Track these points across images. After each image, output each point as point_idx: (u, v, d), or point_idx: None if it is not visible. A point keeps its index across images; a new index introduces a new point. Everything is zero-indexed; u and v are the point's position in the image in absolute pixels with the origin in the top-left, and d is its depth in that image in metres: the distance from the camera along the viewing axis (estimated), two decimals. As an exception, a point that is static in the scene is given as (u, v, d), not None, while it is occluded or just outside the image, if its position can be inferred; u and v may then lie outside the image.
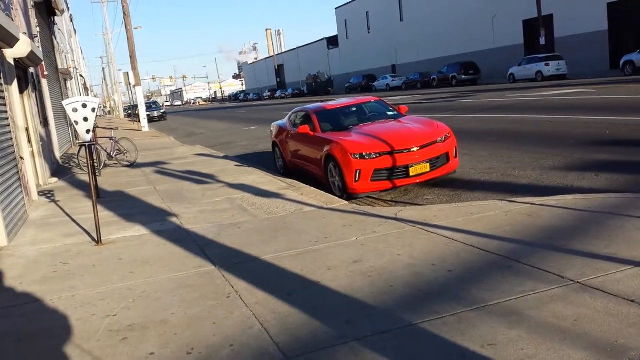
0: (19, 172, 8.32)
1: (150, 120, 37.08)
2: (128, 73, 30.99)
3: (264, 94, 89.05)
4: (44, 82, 15.17)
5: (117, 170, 13.38)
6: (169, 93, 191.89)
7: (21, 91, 10.82)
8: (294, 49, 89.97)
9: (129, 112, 55.96)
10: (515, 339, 3.07)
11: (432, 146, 8.18)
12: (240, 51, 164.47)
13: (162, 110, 48.32)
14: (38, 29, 15.23)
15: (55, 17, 23.65)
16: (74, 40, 46.00)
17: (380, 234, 5.54)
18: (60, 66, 23.07)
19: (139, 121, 30.93)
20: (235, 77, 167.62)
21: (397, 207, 6.99)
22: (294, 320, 3.61)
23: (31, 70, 12.55)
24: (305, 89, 72.44)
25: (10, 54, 9.26)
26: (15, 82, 9.61)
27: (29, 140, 10.54)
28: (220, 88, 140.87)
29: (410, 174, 7.97)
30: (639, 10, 31.40)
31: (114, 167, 13.85)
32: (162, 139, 23.58)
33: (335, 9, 70.68)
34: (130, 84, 32.03)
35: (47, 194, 10.18)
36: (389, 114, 9.80)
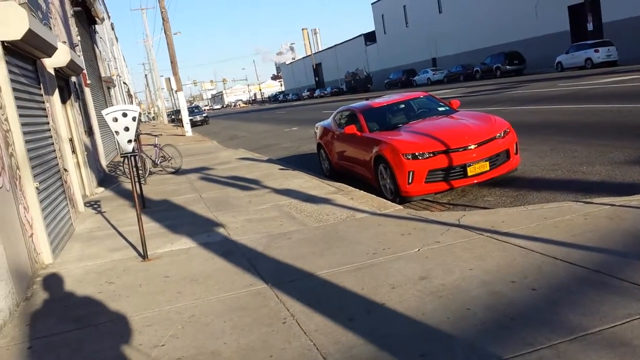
0: (63, 185, 8.19)
1: (193, 124, 37.27)
2: (170, 78, 31.23)
3: (303, 94, 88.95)
4: (87, 91, 15.23)
5: (163, 177, 13.27)
6: (210, 97, 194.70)
7: (63, 101, 10.78)
8: (331, 47, 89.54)
9: (172, 117, 56.70)
10: (632, 379, 2.56)
11: (491, 143, 7.61)
12: (278, 52, 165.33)
13: (204, 114, 48.61)
14: (79, 37, 15.29)
15: (96, 26, 23.94)
16: (116, 48, 46.89)
17: (445, 244, 5.05)
18: (103, 74, 23.34)
19: (182, 126, 31.12)
20: (274, 78, 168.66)
21: (458, 212, 6.47)
22: (361, 353, 3.19)
23: (73, 79, 12.54)
24: (344, 87, 71.86)
25: (49, 64, 9.16)
26: (57, 92, 9.52)
27: (74, 151, 10.48)
28: (260, 90, 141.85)
29: (468, 174, 7.42)
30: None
31: (159, 175, 13.75)
32: (205, 144, 23.56)
33: (372, 4, 69.84)
34: (172, 89, 32.30)
35: (94, 205, 10.09)
36: (440, 109, 9.25)
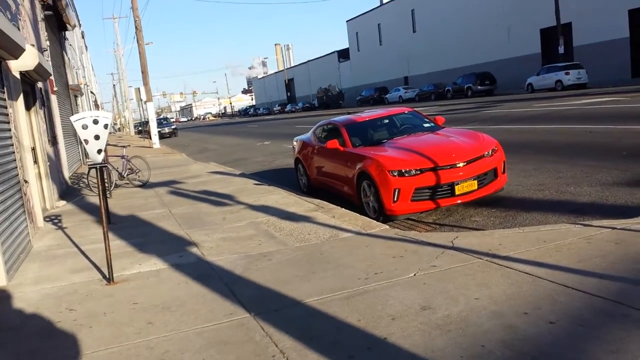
0: (22, 197, 7.55)
1: (161, 136, 36.37)
2: (139, 89, 30.43)
3: (274, 108, 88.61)
4: (54, 98, 14.48)
5: (129, 190, 12.61)
6: (178, 109, 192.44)
7: (28, 108, 10.10)
8: (304, 63, 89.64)
9: (140, 129, 55.51)
10: None
11: (479, 161, 7.32)
12: (249, 66, 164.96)
13: (173, 126, 47.74)
14: (48, 42, 14.59)
15: (66, 33, 23.12)
16: (85, 57, 45.73)
17: (442, 268, 4.67)
18: (70, 82, 22.48)
19: (150, 138, 30.29)
20: (245, 92, 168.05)
21: (450, 233, 6.12)
22: (366, 400, 2.75)
23: (40, 85, 11.85)
24: (316, 103, 71.85)
25: (15, 67, 8.53)
26: (22, 98, 8.85)
27: (36, 161, 9.79)
28: (230, 103, 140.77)
29: (456, 193, 7.11)
30: (662, 16, 30.44)
31: (126, 187, 13.09)
32: (174, 156, 22.87)
33: (347, 21, 70.31)
34: (141, 99, 31.48)
35: (54, 219, 9.41)
36: (425, 125, 8.96)
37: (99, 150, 5.47)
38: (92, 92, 46.35)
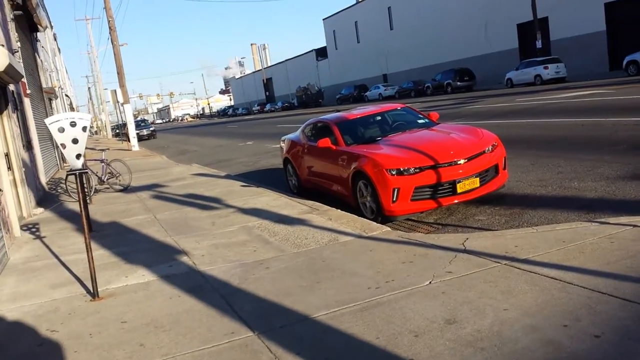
0: (-5, 207, 7.03)
1: (140, 138, 35.60)
2: (116, 90, 29.64)
3: (254, 108, 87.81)
4: (27, 102, 13.84)
5: (110, 195, 12.06)
6: (155, 111, 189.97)
7: (0, 111, 9.54)
8: (282, 62, 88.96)
9: (117, 132, 54.41)
10: None
11: (480, 157, 7.01)
12: (226, 66, 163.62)
13: (152, 128, 46.91)
14: (19, 44, 13.92)
15: (38, 34, 22.31)
16: (59, 59, 44.57)
17: (459, 274, 4.32)
18: (44, 85, 21.71)
19: (129, 140, 29.55)
20: (222, 93, 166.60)
21: (459, 234, 5.78)
22: None
23: (11, 87, 11.24)
24: (296, 102, 71.34)
25: (-17, 68, 7.99)
26: (-9, 101, 8.32)
27: (10, 167, 9.23)
28: (209, 104, 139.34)
29: (458, 191, 6.79)
30: (637, 10, 30.64)
31: (106, 192, 12.53)
32: (155, 159, 22.25)
33: (323, 20, 69.83)
34: (118, 101, 30.68)
35: (32, 228, 8.86)
36: (419, 122, 8.63)
37: (78, 155, 5.02)
38: (67, 95, 45.23)
